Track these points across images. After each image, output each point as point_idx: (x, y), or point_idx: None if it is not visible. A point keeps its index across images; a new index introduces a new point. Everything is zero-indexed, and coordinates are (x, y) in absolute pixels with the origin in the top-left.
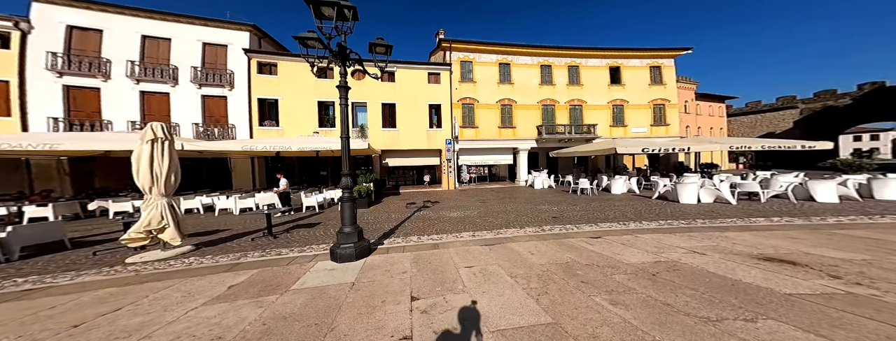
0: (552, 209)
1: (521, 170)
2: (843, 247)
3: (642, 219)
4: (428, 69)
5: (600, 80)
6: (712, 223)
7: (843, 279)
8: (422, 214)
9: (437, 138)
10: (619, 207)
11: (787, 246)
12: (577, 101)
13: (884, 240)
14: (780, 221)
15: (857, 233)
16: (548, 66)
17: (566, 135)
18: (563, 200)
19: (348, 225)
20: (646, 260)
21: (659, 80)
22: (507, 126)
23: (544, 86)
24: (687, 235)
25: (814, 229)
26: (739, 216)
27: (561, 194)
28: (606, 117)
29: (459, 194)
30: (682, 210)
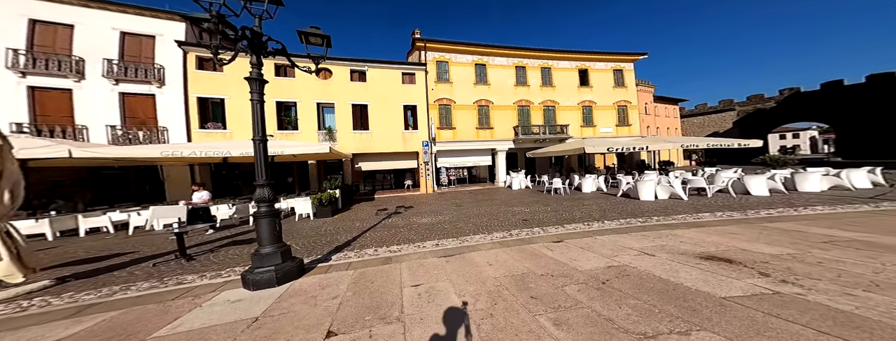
0: (525, 211)
1: (499, 171)
2: (772, 241)
3: (605, 219)
4: (402, 69)
5: (570, 81)
6: (665, 220)
7: (772, 277)
8: (390, 222)
9: (413, 140)
10: (587, 206)
11: (725, 242)
12: (549, 102)
13: (806, 232)
14: (721, 216)
15: (784, 225)
16: (522, 68)
17: (541, 135)
18: (537, 201)
19: (268, 244)
20: (599, 266)
21: (621, 82)
22: (484, 127)
23: (519, 87)
24: (641, 235)
25: (748, 224)
26: (689, 211)
27: (536, 195)
28: (577, 118)
29: (437, 198)
30: (641, 207)
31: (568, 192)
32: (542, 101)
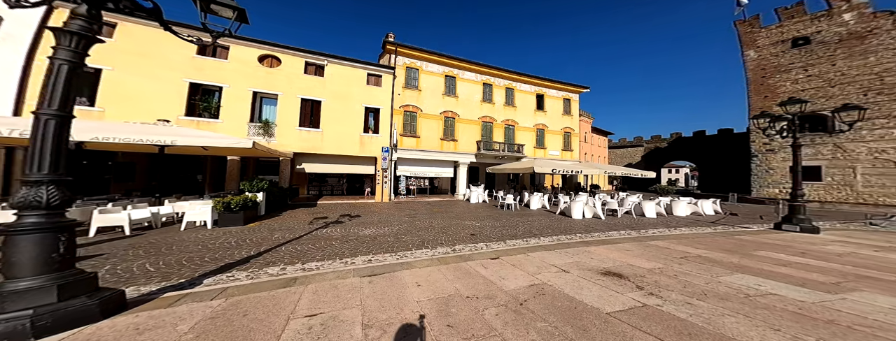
0: (476, 225)
1: (460, 183)
2: (650, 257)
3: (542, 235)
4: (368, 69)
5: (529, 104)
6: (585, 238)
7: (644, 289)
8: (323, 233)
9: (372, 145)
10: (531, 222)
11: (620, 258)
12: (510, 121)
13: (672, 249)
14: (624, 234)
15: (660, 243)
16: (489, 85)
17: (501, 152)
18: (490, 216)
19: (25, 276)
20: (522, 285)
21: (569, 111)
22: (449, 138)
23: (485, 103)
24: (564, 252)
25: (638, 242)
26: (603, 230)
27: (491, 209)
28: (532, 139)
29: (391, 208)
30: (571, 225)
31: (517, 208)
32: (504, 120)
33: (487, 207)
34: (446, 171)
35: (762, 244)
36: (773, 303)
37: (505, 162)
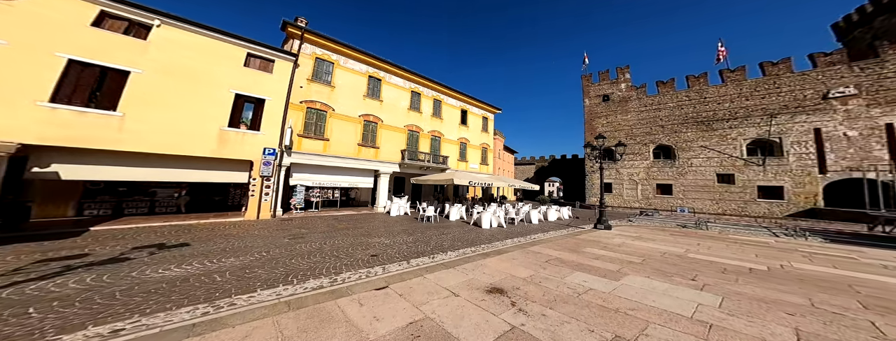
0: (383, 243)
1: (380, 194)
2: (528, 263)
3: (451, 249)
4: (249, 48)
5: (454, 118)
6: (486, 249)
7: (516, 305)
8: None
9: (245, 144)
10: (445, 235)
11: (506, 269)
12: (437, 133)
13: (541, 254)
14: (516, 241)
15: (536, 248)
16: (418, 94)
17: (426, 163)
18: (406, 230)
19: None
20: (397, 326)
21: (486, 128)
22: (369, 145)
23: (413, 111)
24: (462, 268)
25: (523, 248)
26: (502, 238)
27: (411, 222)
28: (456, 151)
29: (271, 227)
30: (479, 235)
31: (438, 220)
32: (430, 130)
33: (408, 220)
34: (364, 181)
35: (587, 241)
36: (591, 300)
37: (430, 173)
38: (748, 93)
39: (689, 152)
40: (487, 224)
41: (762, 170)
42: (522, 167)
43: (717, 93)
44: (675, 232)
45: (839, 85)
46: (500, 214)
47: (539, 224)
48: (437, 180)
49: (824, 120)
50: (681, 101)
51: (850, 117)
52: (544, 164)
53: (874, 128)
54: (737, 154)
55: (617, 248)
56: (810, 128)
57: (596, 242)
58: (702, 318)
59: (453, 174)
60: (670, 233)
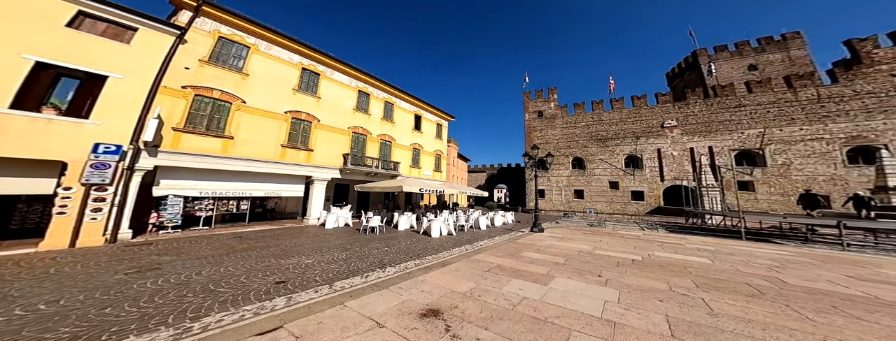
0: (304, 263)
1: (314, 204)
2: (471, 275)
3: (391, 264)
4: (79, 2)
5: (408, 122)
6: (432, 261)
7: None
8: None
9: (47, 136)
10: (388, 248)
11: (447, 284)
12: (388, 137)
13: (485, 262)
14: (464, 249)
15: (481, 256)
16: (366, 94)
17: (374, 168)
18: (341, 245)
19: None
20: None
21: (440, 135)
22: (300, 147)
23: (359, 113)
24: (398, 287)
25: (469, 257)
26: (451, 246)
27: (351, 235)
28: (408, 157)
29: (90, 259)
30: (428, 245)
31: (384, 231)
32: (380, 134)
33: (348, 233)
34: (290, 189)
35: (525, 245)
36: (524, 311)
37: (379, 180)
38: (625, 118)
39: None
40: (437, 232)
41: (633, 179)
42: (475, 174)
43: (609, 118)
44: (586, 231)
45: (668, 118)
46: (450, 222)
47: (487, 229)
48: (385, 187)
49: (661, 143)
50: (588, 122)
51: (674, 142)
52: (494, 172)
53: (686, 150)
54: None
55: (547, 250)
56: (655, 148)
57: (531, 245)
58: (609, 318)
59: (403, 181)
60: (583, 232)
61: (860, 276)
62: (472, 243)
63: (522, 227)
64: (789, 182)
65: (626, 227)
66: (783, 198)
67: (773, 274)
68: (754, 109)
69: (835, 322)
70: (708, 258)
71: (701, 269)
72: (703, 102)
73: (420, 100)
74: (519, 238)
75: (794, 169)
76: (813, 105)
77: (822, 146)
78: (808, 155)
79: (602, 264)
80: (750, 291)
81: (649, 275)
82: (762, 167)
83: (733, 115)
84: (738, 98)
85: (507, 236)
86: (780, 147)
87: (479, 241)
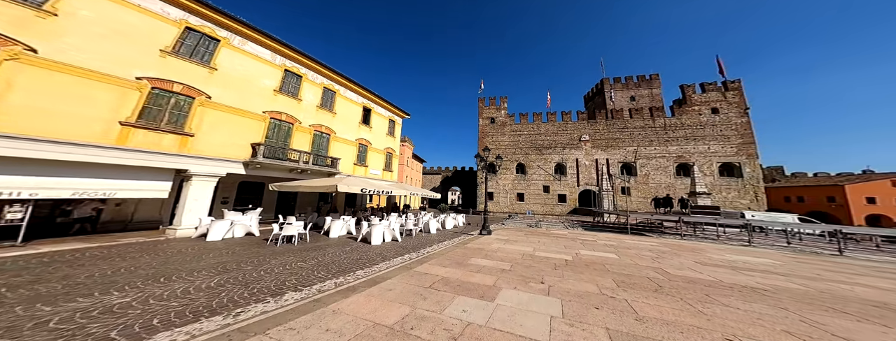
0: (112, 302)
1: (188, 209)
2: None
3: (295, 288)
4: None
5: (354, 115)
6: (359, 278)
7: None
8: None
9: None
10: (304, 264)
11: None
12: (325, 128)
13: (428, 274)
14: (407, 258)
15: (424, 267)
16: (297, 76)
17: (301, 164)
18: (219, 264)
19: None
20: None
21: (392, 132)
22: (161, 128)
23: (283, 95)
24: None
25: (409, 269)
26: (392, 256)
27: (249, 248)
28: (352, 154)
29: None
30: (363, 255)
31: (308, 240)
32: (314, 124)
33: (246, 245)
34: (144, 187)
35: (473, 250)
36: None
37: (308, 177)
38: (556, 131)
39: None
40: (379, 239)
41: (560, 184)
42: (431, 176)
43: (545, 129)
44: (527, 232)
45: (584, 133)
46: (395, 226)
47: (437, 233)
48: (314, 187)
49: (579, 154)
50: (530, 131)
51: (587, 153)
52: (449, 175)
53: (593, 161)
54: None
55: (494, 255)
56: (575, 158)
57: (480, 250)
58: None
59: (340, 180)
60: (524, 233)
61: (702, 261)
62: (419, 250)
63: (472, 230)
64: (648, 188)
65: (556, 227)
66: (645, 200)
67: (657, 265)
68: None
69: (717, 313)
70: (614, 253)
71: (614, 266)
72: (605, 122)
73: (371, 91)
74: (468, 241)
75: (650, 178)
76: (661, 131)
77: (663, 162)
78: (657, 168)
79: (543, 268)
80: (653, 286)
81: (581, 277)
82: (635, 176)
83: (621, 134)
84: (624, 121)
85: (457, 240)
86: (643, 161)
87: (427, 247)
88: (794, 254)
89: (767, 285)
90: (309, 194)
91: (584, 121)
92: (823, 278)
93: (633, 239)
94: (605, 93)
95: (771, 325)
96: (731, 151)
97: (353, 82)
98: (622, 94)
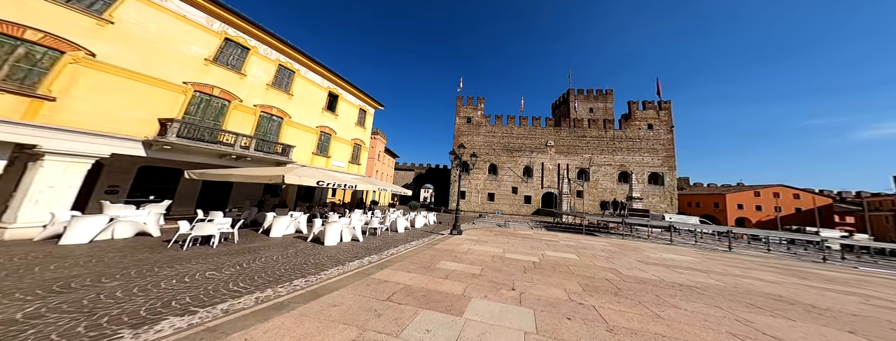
0: None
1: (31, 199)
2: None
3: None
4: None
5: (316, 99)
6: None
7: None
8: None
9: None
10: (217, 274)
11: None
12: (276, 111)
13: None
14: (365, 262)
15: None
16: (242, 47)
17: (237, 149)
18: (55, 281)
19: None
20: None
21: (363, 122)
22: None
23: (219, 67)
24: None
25: (365, 277)
26: (347, 259)
27: (139, 252)
28: (311, 142)
29: None
30: (308, 259)
31: (237, 240)
32: (261, 105)
33: (133, 249)
34: None
35: (443, 252)
36: None
37: (248, 165)
38: (527, 134)
39: (503, 171)
40: (335, 239)
41: (527, 186)
42: (404, 173)
43: (517, 132)
44: (496, 232)
45: (550, 139)
46: (357, 225)
47: (405, 233)
48: (249, 177)
49: (544, 158)
50: (504, 133)
51: (552, 158)
52: (422, 172)
53: (556, 165)
54: (519, 174)
55: (464, 257)
56: (541, 161)
57: (450, 252)
58: None
59: (290, 170)
60: (494, 233)
61: (644, 260)
62: (382, 252)
63: (443, 229)
64: (598, 192)
65: (522, 227)
66: (595, 203)
67: (611, 265)
68: (589, 140)
69: (672, 317)
70: (575, 254)
71: (577, 268)
72: (569, 130)
73: (340, 76)
74: (438, 242)
75: (599, 183)
76: (610, 141)
77: (610, 170)
78: (605, 175)
79: (512, 271)
80: (613, 289)
81: (550, 281)
82: (588, 181)
83: (580, 142)
84: (583, 130)
85: (426, 240)
86: (595, 168)
87: (392, 249)
88: (701, 250)
89: (696, 282)
90: (249, 186)
91: (551, 128)
92: (729, 273)
93: (588, 239)
94: (570, 103)
95: (717, 327)
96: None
97: (318, 63)
98: (584, 105)
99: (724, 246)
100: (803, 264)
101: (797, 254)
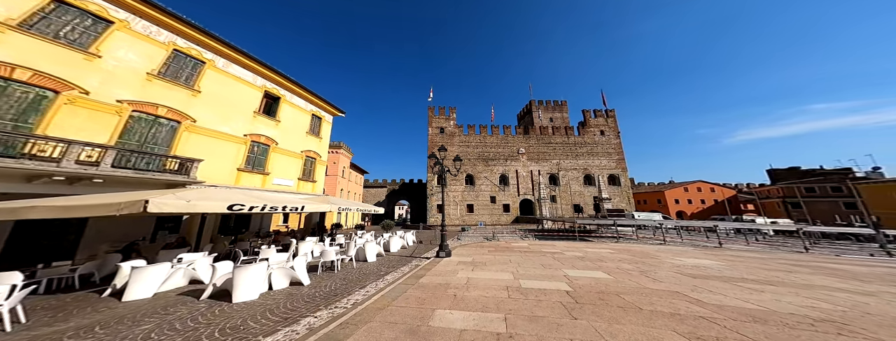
0: None
1: None
2: None
3: None
4: None
5: (244, 99)
6: None
7: None
8: None
9: None
10: None
11: None
12: (174, 114)
13: None
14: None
15: None
16: (99, 18)
17: (69, 167)
18: None
19: None
20: None
21: (317, 131)
22: None
23: (44, 40)
24: None
25: None
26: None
27: None
28: (236, 155)
29: None
30: None
31: (24, 321)
32: (137, 102)
33: None
34: None
35: (433, 289)
36: None
37: (98, 191)
38: (500, 143)
39: (480, 180)
40: (252, 290)
41: (504, 194)
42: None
43: (491, 141)
44: (489, 247)
45: (521, 146)
46: (301, 260)
47: (377, 261)
48: (74, 208)
49: (518, 165)
50: (478, 143)
51: (524, 165)
52: (395, 188)
53: (529, 172)
54: (496, 183)
55: (467, 295)
56: (515, 169)
57: (443, 288)
58: None
59: (178, 193)
60: (487, 249)
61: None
62: (335, 302)
63: (426, 250)
64: (569, 196)
65: (512, 238)
66: (569, 207)
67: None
68: (555, 146)
69: None
70: (602, 271)
71: (631, 296)
72: (537, 137)
73: (282, 74)
74: (423, 271)
75: (570, 187)
76: (573, 147)
77: (576, 174)
78: (573, 179)
79: (552, 317)
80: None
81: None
82: (559, 186)
83: (547, 149)
84: (549, 137)
85: (407, 270)
86: (564, 173)
87: (355, 293)
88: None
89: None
90: (124, 223)
91: (521, 135)
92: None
93: (587, 246)
94: (533, 112)
95: None
96: (613, 165)
97: (246, 55)
98: (545, 115)
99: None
100: (810, 258)
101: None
